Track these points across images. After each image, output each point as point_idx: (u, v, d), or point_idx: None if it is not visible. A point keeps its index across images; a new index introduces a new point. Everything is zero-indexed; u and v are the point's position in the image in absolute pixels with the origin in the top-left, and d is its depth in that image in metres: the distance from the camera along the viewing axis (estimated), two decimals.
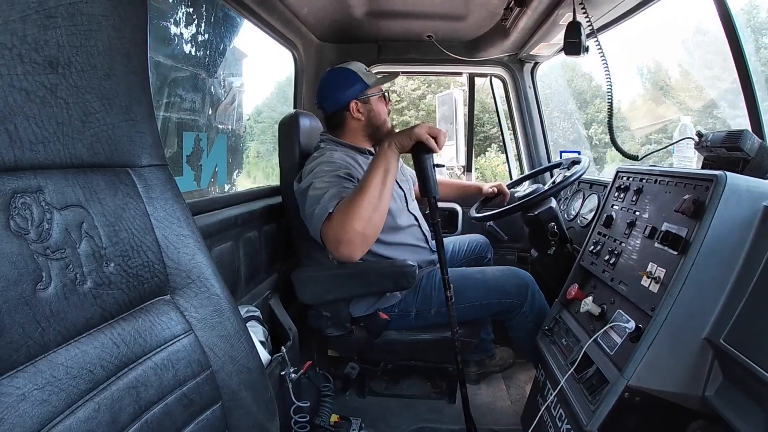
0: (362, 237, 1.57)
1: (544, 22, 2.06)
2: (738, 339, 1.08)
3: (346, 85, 1.98)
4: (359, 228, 1.55)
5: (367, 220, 1.55)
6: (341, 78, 2.00)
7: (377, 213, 1.58)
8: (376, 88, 2.01)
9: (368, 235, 1.59)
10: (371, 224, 1.57)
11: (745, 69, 1.47)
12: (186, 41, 1.93)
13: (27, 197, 0.60)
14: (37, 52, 0.61)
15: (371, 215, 1.56)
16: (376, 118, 2.02)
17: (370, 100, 2.00)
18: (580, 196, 2.33)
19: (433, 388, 2.38)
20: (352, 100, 1.98)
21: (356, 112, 1.99)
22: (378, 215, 1.58)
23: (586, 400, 1.35)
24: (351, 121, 2.01)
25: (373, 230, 1.60)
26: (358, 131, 2.03)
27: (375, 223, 1.59)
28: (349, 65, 2.01)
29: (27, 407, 0.55)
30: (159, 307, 0.78)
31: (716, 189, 1.18)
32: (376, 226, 1.60)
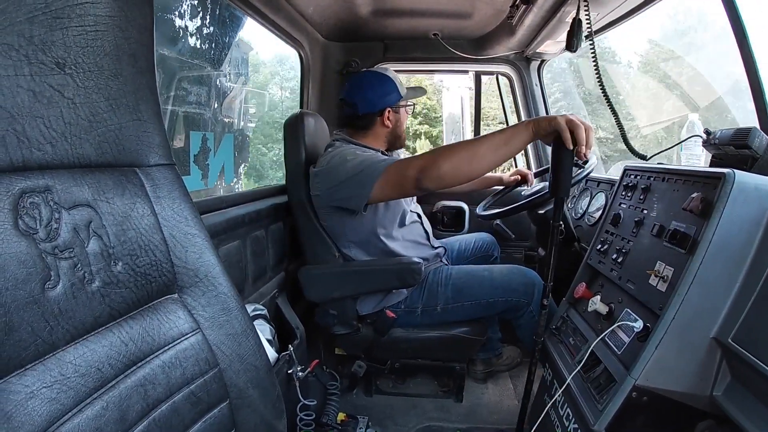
0: (439, 175, 1.54)
1: (550, 19, 2.05)
2: (746, 338, 1.07)
3: (384, 90, 1.99)
4: (445, 167, 1.52)
5: (456, 166, 1.53)
6: (380, 83, 2.00)
7: (470, 167, 1.53)
8: (410, 99, 2.06)
9: (445, 178, 1.55)
10: (458, 171, 1.54)
11: (753, 66, 1.46)
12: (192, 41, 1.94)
13: (35, 197, 0.60)
14: (44, 52, 0.61)
15: (463, 165, 1.53)
16: (400, 128, 2.07)
17: (400, 111, 2.05)
18: (587, 195, 2.32)
19: (440, 386, 2.38)
20: (387, 107, 1.99)
21: (387, 119, 2.01)
22: (469, 169, 1.54)
23: (594, 400, 1.35)
24: (379, 126, 2.03)
25: (456, 177, 1.56)
26: (381, 137, 2.06)
27: (462, 173, 1.54)
28: (387, 72, 2.03)
29: (36, 405, 0.56)
30: (167, 306, 0.79)
31: (724, 187, 1.17)
32: (462, 175, 1.55)
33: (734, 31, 1.48)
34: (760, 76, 1.44)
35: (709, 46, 4.75)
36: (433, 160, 1.55)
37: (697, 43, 6.80)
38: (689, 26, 7.33)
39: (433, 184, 1.58)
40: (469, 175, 1.56)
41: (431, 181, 1.56)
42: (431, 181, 1.56)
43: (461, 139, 3.75)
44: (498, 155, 1.53)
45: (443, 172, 1.53)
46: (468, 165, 1.52)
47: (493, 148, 1.51)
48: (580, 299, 1.70)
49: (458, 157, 1.52)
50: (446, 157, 1.53)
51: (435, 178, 1.55)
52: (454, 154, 1.53)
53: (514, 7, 2.10)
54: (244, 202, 1.90)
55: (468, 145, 1.56)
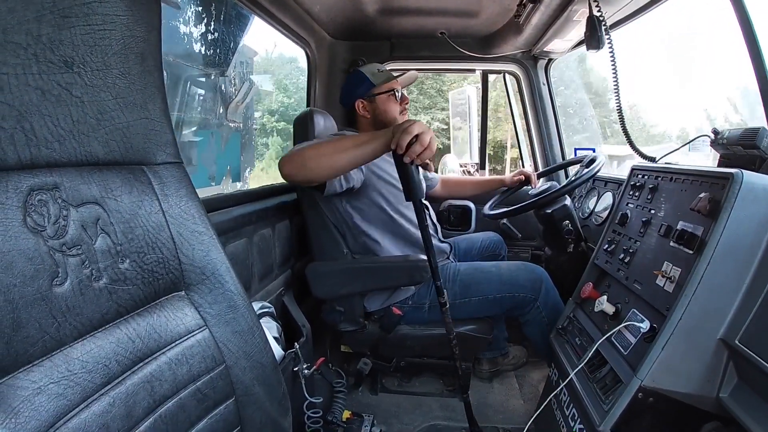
0: (301, 162, 1.58)
1: (557, 17, 2.04)
2: (753, 340, 1.07)
3: (354, 85, 2.08)
4: (307, 154, 1.57)
5: (316, 156, 1.56)
6: (352, 78, 2.10)
7: (327, 160, 1.57)
8: (384, 86, 2.06)
9: (307, 166, 1.58)
10: (315, 162, 1.57)
11: (762, 66, 1.45)
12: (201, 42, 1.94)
13: (43, 194, 0.61)
14: (53, 51, 0.62)
15: (322, 158, 1.56)
16: (383, 116, 2.07)
17: (377, 99, 2.06)
18: (594, 194, 2.31)
19: (445, 385, 2.38)
20: (357, 99, 2.07)
21: (362, 110, 2.08)
22: (326, 162, 1.57)
23: (599, 400, 1.34)
24: (360, 118, 2.10)
25: (313, 167, 1.58)
26: (367, 127, 2.10)
27: (321, 165, 1.58)
28: (363, 67, 2.11)
29: (43, 401, 0.56)
30: (174, 303, 0.79)
31: (732, 187, 1.16)
32: (320, 167, 1.58)
33: (743, 30, 1.47)
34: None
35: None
36: (299, 151, 1.60)
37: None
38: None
39: (300, 176, 1.62)
40: (328, 168, 1.59)
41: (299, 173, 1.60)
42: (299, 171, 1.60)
43: (468, 139, 3.76)
44: (350, 156, 1.56)
45: (305, 156, 1.58)
46: (328, 158, 1.56)
47: (351, 146, 1.55)
48: (586, 299, 1.70)
49: (321, 150, 1.57)
50: (313, 147, 1.60)
51: (300, 168, 1.59)
52: (320, 146, 1.59)
53: (522, 6, 2.10)
54: (251, 201, 1.90)
55: (332, 143, 1.61)
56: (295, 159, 1.59)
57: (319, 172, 1.60)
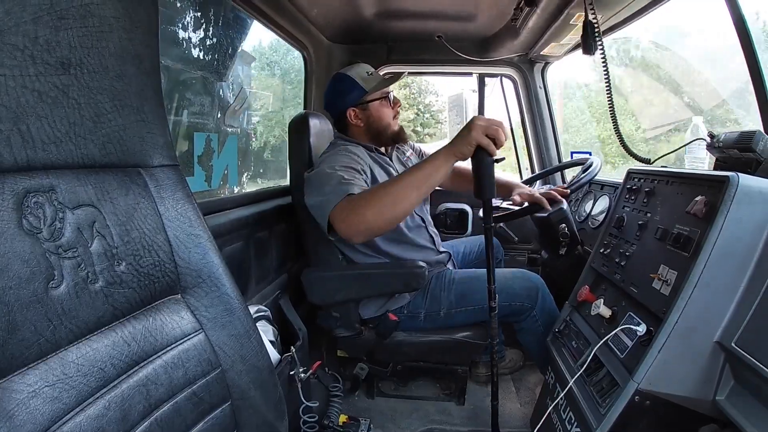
0: (367, 227, 1.51)
1: (554, 21, 2.05)
2: (750, 343, 1.07)
3: (343, 92, 1.98)
4: (370, 217, 1.48)
5: (381, 213, 1.48)
6: (340, 85, 2.00)
7: (394, 212, 1.50)
8: (377, 92, 1.98)
9: (374, 228, 1.53)
10: (382, 220, 1.50)
11: (757, 68, 1.45)
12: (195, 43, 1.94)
13: (39, 196, 0.60)
14: (49, 53, 0.61)
15: (388, 211, 1.48)
16: (377, 123, 2.00)
17: (370, 106, 1.98)
18: (591, 198, 2.32)
19: (442, 389, 2.37)
20: (348, 108, 1.98)
21: (354, 118, 1.99)
22: (393, 215, 1.50)
23: (596, 403, 1.34)
24: (352, 126, 2.02)
25: (382, 224, 1.52)
26: (361, 135, 2.03)
27: (387, 219, 1.50)
28: (350, 70, 2.00)
29: (38, 404, 0.56)
30: (170, 306, 0.79)
31: (728, 191, 1.16)
32: (387, 221, 1.52)
33: (738, 32, 1.48)
34: (764, 78, 1.44)
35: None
36: (356, 212, 1.51)
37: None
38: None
39: (362, 236, 1.59)
40: (395, 219, 1.54)
41: (358, 234, 1.55)
42: (358, 233, 1.55)
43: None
44: (421, 192, 1.51)
45: (368, 221, 1.49)
46: (393, 209, 1.49)
47: (416, 187, 1.49)
48: (583, 302, 1.70)
49: (382, 203, 1.48)
50: (370, 204, 1.49)
51: (362, 229, 1.53)
52: (375, 200, 1.50)
53: (518, 9, 2.10)
54: (248, 204, 1.90)
55: (389, 187, 1.52)
56: (354, 221, 1.51)
57: (388, 225, 1.55)
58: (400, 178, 1.53)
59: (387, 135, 2.02)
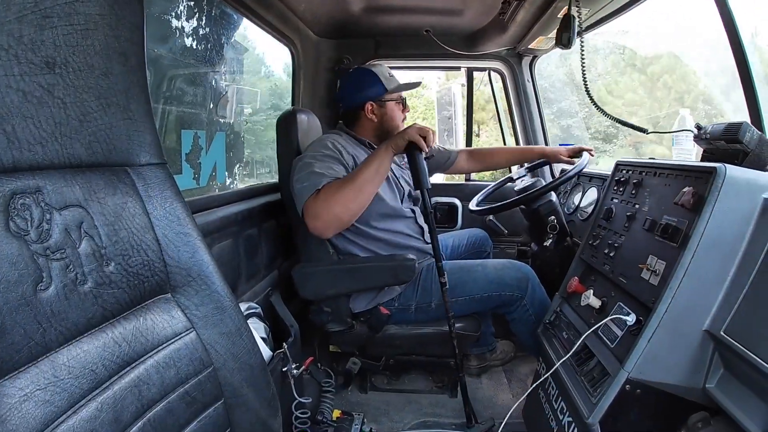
0: (337, 219, 1.69)
1: (541, 15, 2.06)
2: (738, 331, 1.08)
3: (365, 85, 2.04)
4: (338, 210, 1.67)
5: (346, 205, 1.68)
6: (363, 77, 2.06)
7: (356, 203, 1.70)
8: (396, 93, 2.07)
9: (343, 219, 1.71)
10: (349, 210, 1.69)
11: (744, 61, 1.46)
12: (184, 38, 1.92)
13: (26, 198, 0.60)
14: (34, 52, 0.61)
15: (351, 203, 1.68)
16: (389, 123, 2.07)
17: (386, 105, 2.06)
18: (579, 190, 2.33)
19: (434, 382, 2.38)
20: (368, 101, 2.04)
21: (370, 113, 2.06)
22: (356, 204, 1.70)
23: (587, 393, 1.35)
24: (365, 120, 2.07)
25: (349, 216, 1.72)
26: (369, 131, 2.09)
27: (352, 210, 1.71)
28: (373, 67, 2.08)
29: (30, 408, 0.55)
30: (160, 306, 0.79)
31: (716, 181, 1.17)
32: (352, 212, 1.72)
33: (725, 26, 1.49)
34: (751, 71, 1.45)
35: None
36: (325, 205, 1.68)
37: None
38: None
39: (332, 229, 1.75)
40: (358, 209, 1.73)
41: (329, 227, 1.72)
42: (329, 227, 1.72)
43: (453, 137, 3.76)
44: (375, 182, 1.74)
45: (336, 213, 1.68)
46: (354, 201, 1.69)
47: (370, 178, 1.71)
48: (573, 293, 1.71)
49: (345, 198, 1.67)
50: (334, 200, 1.67)
51: (333, 223, 1.71)
52: (340, 195, 1.67)
53: (506, 4, 2.10)
54: (237, 201, 1.89)
55: (348, 182, 1.70)
56: (324, 216, 1.68)
57: (353, 217, 1.75)
58: (357, 174, 1.72)
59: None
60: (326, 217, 1.67)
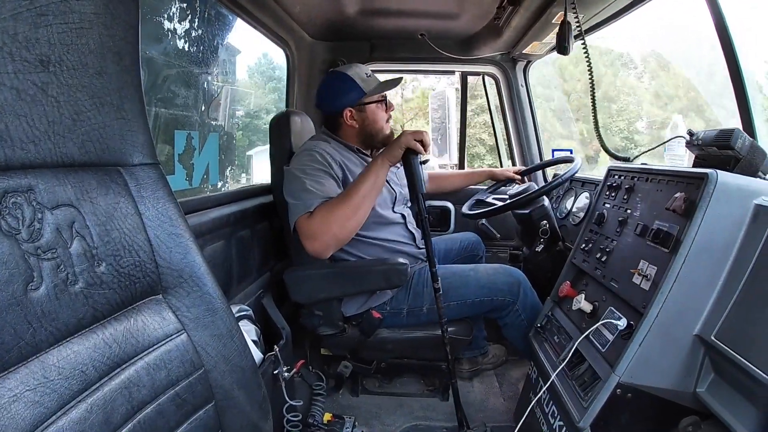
0: (335, 239, 1.66)
1: (536, 20, 2.07)
2: (729, 336, 1.09)
3: (341, 91, 1.97)
4: (335, 230, 1.63)
5: (343, 224, 1.64)
6: (338, 83, 1.98)
7: (354, 220, 1.66)
8: (375, 95, 2.00)
9: (341, 238, 1.68)
10: (346, 229, 1.66)
11: (737, 68, 1.48)
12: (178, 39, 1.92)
13: (18, 197, 0.59)
14: (28, 50, 0.60)
15: (348, 222, 1.65)
16: (371, 126, 2.02)
17: (367, 108, 2.00)
18: (572, 195, 2.34)
19: (426, 385, 2.38)
20: (345, 108, 1.98)
21: (350, 119, 1.99)
22: (354, 222, 1.67)
23: (579, 397, 1.36)
24: (346, 127, 2.02)
25: (347, 234, 1.69)
26: (353, 136, 2.04)
27: (350, 228, 1.68)
28: (349, 69, 2.00)
29: (19, 409, 0.55)
30: (151, 307, 0.78)
31: (707, 187, 1.18)
32: (350, 230, 1.69)
33: (718, 33, 1.50)
34: (743, 77, 1.47)
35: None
36: (321, 226, 1.64)
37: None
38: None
39: (331, 249, 1.70)
40: (357, 225, 1.70)
41: (328, 248, 1.69)
42: (328, 247, 1.68)
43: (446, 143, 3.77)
44: (372, 196, 1.71)
45: (335, 233, 1.65)
46: (352, 219, 1.66)
47: (366, 193, 1.67)
48: (564, 298, 1.72)
49: (342, 217, 1.64)
50: (331, 220, 1.64)
51: (332, 243, 1.68)
52: (337, 213, 1.64)
53: (501, 9, 2.11)
54: (230, 202, 1.88)
55: (344, 201, 1.66)
56: (322, 237, 1.64)
57: (351, 234, 1.71)
58: (353, 190, 1.68)
59: (378, 138, 2.05)
60: (324, 237, 1.64)
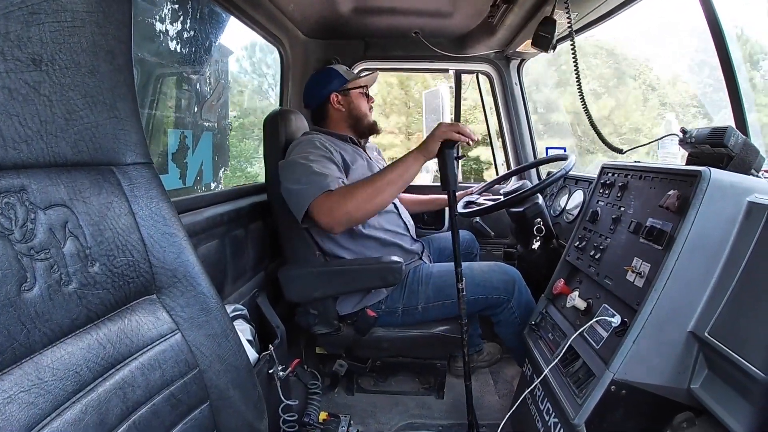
0: (348, 217, 1.69)
1: (530, 19, 2.07)
2: (722, 332, 1.09)
3: (326, 80, 2.12)
4: (350, 208, 1.66)
5: (360, 206, 1.67)
6: (323, 75, 2.14)
7: (372, 204, 1.69)
8: (355, 84, 2.13)
9: (355, 218, 1.71)
10: (361, 210, 1.69)
11: (730, 66, 1.48)
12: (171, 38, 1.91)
13: (10, 197, 0.59)
14: (20, 49, 0.60)
15: (366, 204, 1.68)
16: (357, 111, 2.13)
17: (350, 94, 2.12)
18: (565, 192, 2.35)
19: (421, 384, 2.38)
20: (332, 93, 2.10)
21: (336, 103, 2.11)
22: (371, 205, 1.70)
23: (573, 394, 1.36)
24: (333, 112, 2.13)
25: (361, 216, 1.73)
26: (340, 121, 2.14)
27: (365, 210, 1.71)
28: (331, 66, 2.16)
29: (13, 410, 0.55)
30: (145, 307, 0.78)
31: (700, 185, 1.19)
32: (365, 213, 1.72)
33: (712, 31, 1.50)
34: (736, 75, 1.48)
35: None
36: (339, 202, 1.68)
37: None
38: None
39: (342, 226, 1.74)
40: (373, 209, 1.74)
41: (340, 224, 1.72)
42: (339, 224, 1.71)
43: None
44: (397, 187, 1.73)
45: (350, 212, 1.68)
46: (370, 201, 1.69)
47: (392, 182, 1.71)
48: (558, 295, 1.72)
49: (360, 197, 1.68)
50: (349, 198, 1.68)
51: (343, 220, 1.70)
52: (356, 193, 1.68)
53: (495, 7, 2.11)
54: (223, 201, 1.88)
55: (368, 184, 1.71)
56: (337, 213, 1.67)
57: (366, 216, 1.78)
58: (378, 175, 1.74)
59: (364, 123, 2.16)
60: (337, 214, 1.67)
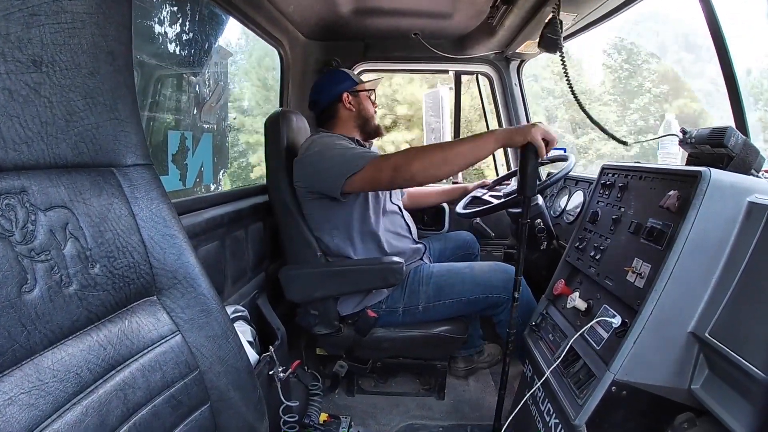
0: (411, 176, 1.65)
1: (530, 20, 2.06)
2: (723, 333, 1.09)
3: (338, 80, 2.12)
4: (415, 168, 1.63)
5: (426, 169, 1.62)
6: (334, 75, 2.15)
7: (439, 171, 1.64)
8: (363, 87, 2.14)
9: (416, 180, 1.67)
10: (425, 173, 1.64)
11: (730, 66, 1.48)
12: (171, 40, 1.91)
13: (11, 198, 0.59)
14: (21, 50, 0.60)
15: (432, 169, 1.63)
16: (366, 112, 2.14)
17: (360, 95, 2.13)
18: (566, 193, 2.35)
19: (421, 384, 2.38)
20: (344, 92, 2.10)
21: (348, 103, 2.11)
22: (438, 172, 1.65)
23: (574, 395, 1.36)
24: (343, 111, 2.12)
25: (422, 179, 1.67)
26: (349, 121, 2.13)
27: (429, 174, 1.65)
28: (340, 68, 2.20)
29: (14, 412, 0.55)
30: (145, 308, 0.78)
31: (700, 185, 1.19)
32: (428, 177, 1.66)
33: (711, 32, 1.51)
34: (736, 76, 1.48)
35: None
36: (406, 160, 1.65)
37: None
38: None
39: (405, 183, 1.73)
40: (438, 176, 1.67)
41: (404, 181, 1.69)
42: (404, 180, 1.68)
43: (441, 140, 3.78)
44: (466, 160, 1.65)
45: (414, 172, 1.63)
46: (438, 168, 1.63)
47: (462, 154, 1.63)
48: (559, 296, 1.72)
49: (429, 160, 1.63)
50: (419, 158, 1.64)
51: (407, 177, 1.66)
52: (426, 156, 1.64)
53: (495, 8, 2.11)
54: (224, 203, 1.88)
55: (439, 149, 1.65)
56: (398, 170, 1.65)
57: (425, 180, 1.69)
58: (451, 144, 1.70)
59: (371, 125, 2.18)
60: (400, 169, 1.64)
